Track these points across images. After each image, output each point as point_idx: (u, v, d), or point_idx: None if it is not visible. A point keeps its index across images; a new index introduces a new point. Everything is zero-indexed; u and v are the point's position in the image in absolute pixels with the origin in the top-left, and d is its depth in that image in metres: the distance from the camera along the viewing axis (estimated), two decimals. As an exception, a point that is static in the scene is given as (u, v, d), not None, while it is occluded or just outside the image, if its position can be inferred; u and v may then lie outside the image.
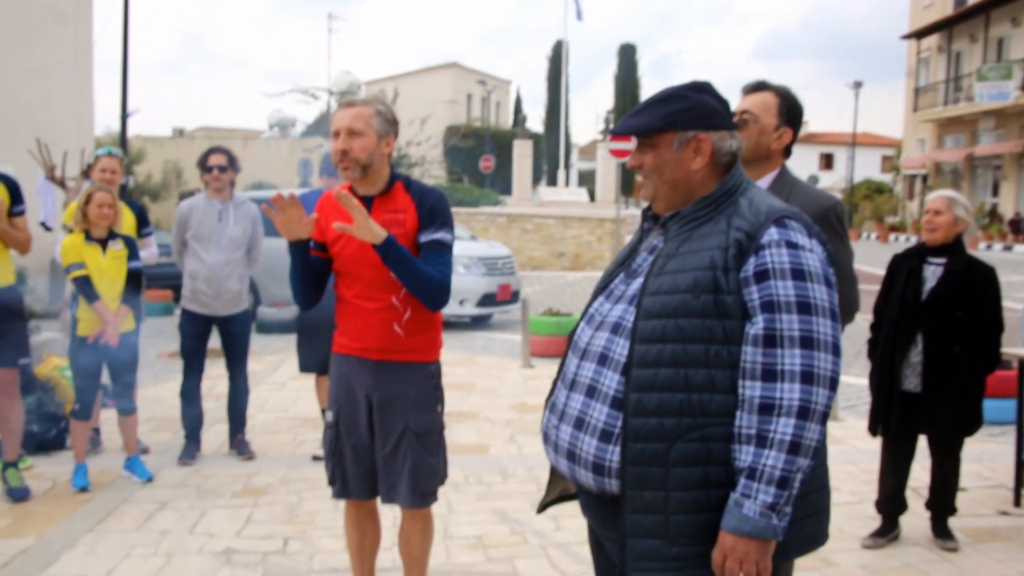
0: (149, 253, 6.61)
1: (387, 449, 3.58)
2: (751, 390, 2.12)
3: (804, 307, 2.13)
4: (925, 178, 38.55)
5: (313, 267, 3.57)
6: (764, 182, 3.32)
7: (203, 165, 6.41)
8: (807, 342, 2.11)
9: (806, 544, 2.33)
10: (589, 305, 2.45)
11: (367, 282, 3.49)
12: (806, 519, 2.27)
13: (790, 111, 3.35)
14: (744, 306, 2.17)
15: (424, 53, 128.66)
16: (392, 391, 3.55)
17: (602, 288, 2.45)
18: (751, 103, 3.32)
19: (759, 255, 2.17)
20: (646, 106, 2.33)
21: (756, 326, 2.14)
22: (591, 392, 2.29)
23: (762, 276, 2.16)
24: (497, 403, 8.32)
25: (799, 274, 2.15)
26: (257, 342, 11.96)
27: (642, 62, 54.64)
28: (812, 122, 57.94)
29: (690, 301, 2.17)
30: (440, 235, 3.54)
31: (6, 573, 4.46)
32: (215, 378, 7.92)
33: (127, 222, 6.41)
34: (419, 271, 3.40)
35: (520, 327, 11.09)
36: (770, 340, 2.12)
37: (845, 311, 3.28)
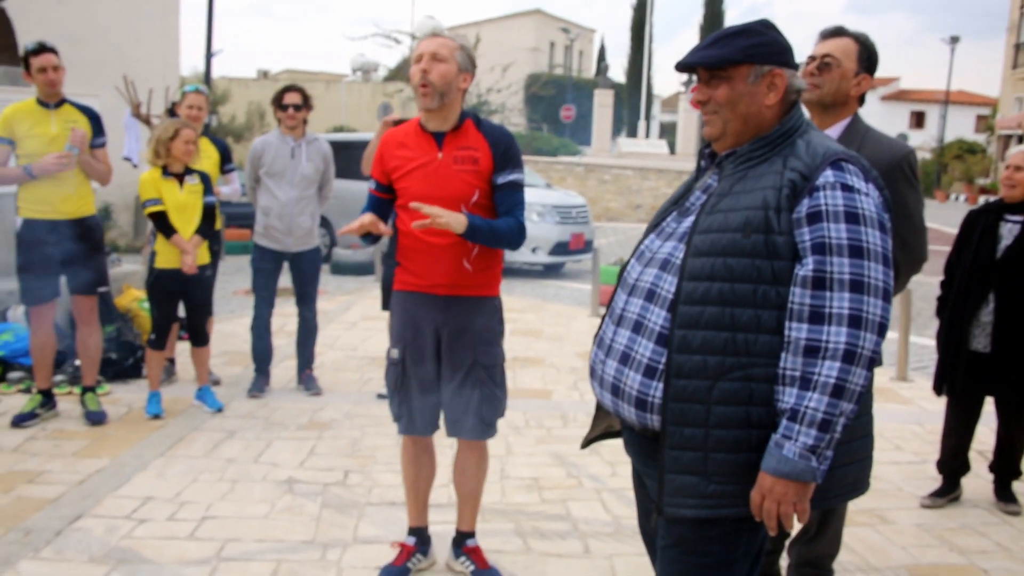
0: (232, 189, 6.74)
1: (455, 383, 3.65)
2: (797, 332, 2.10)
3: (856, 250, 2.10)
4: (1021, 138, 37.23)
5: (381, 210, 3.63)
6: (837, 129, 3.28)
7: (278, 103, 6.50)
8: (857, 286, 2.08)
9: (848, 491, 2.32)
10: (641, 242, 2.44)
11: None
12: (848, 466, 2.25)
13: (869, 58, 3.31)
14: (794, 247, 2.14)
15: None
16: (461, 325, 3.60)
17: (654, 225, 2.43)
18: (833, 47, 3.28)
19: (813, 196, 2.14)
20: (719, 38, 2.29)
21: (805, 268, 2.11)
22: (638, 328, 2.29)
23: (814, 217, 2.12)
24: (563, 350, 8.35)
25: (853, 217, 2.11)
26: (330, 283, 12.16)
27: (729, 13, 53.24)
28: (904, 78, 56.27)
29: (740, 240, 2.15)
30: (515, 176, 3.58)
31: (82, 490, 4.65)
32: (287, 315, 8.08)
33: (210, 158, 6.55)
34: (497, 234, 3.48)
35: (590, 277, 11.08)
36: (819, 282, 2.10)
37: (913, 260, 3.24)
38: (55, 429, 5.65)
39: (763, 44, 2.27)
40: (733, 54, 2.27)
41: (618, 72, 55.19)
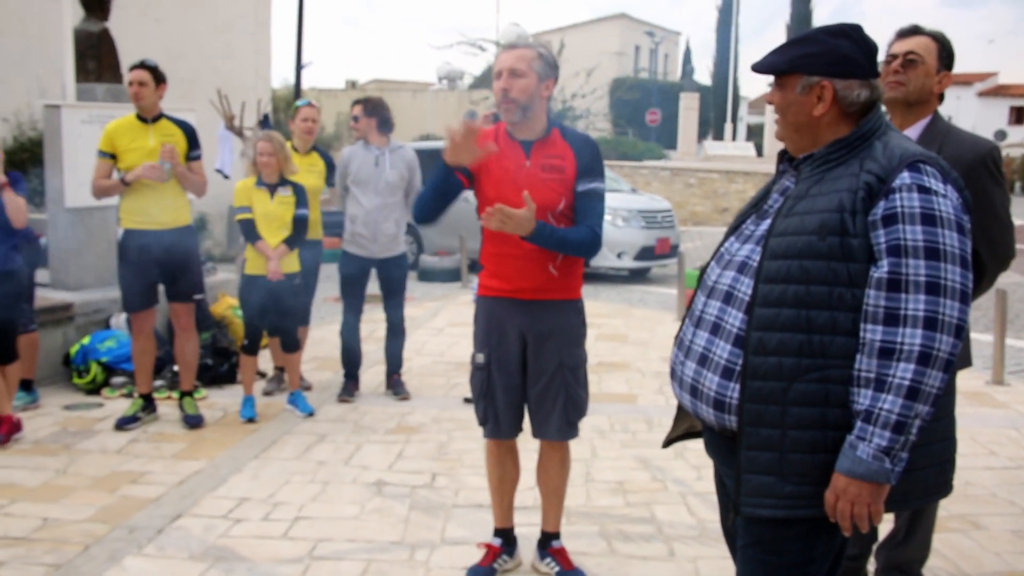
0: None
1: (540, 385, 3.72)
2: (872, 333, 2.11)
3: (932, 252, 2.09)
4: None
5: (450, 187, 3.65)
6: (917, 128, 3.26)
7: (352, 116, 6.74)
8: (933, 288, 2.08)
9: (928, 494, 2.30)
10: (721, 244, 2.47)
11: None
12: (927, 469, 2.24)
13: (949, 56, 3.30)
14: (870, 250, 2.14)
15: (593, 4, 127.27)
16: (547, 328, 3.67)
17: (734, 228, 2.46)
18: (914, 44, 3.27)
19: (889, 198, 2.14)
20: (782, 46, 2.33)
21: (881, 270, 2.12)
22: (716, 329, 2.32)
23: (890, 220, 2.12)
24: (648, 355, 8.35)
25: (929, 219, 2.11)
26: (418, 289, 12.32)
27: (818, 10, 52.42)
28: (1003, 73, 54.63)
29: (816, 243, 2.16)
30: (595, 184, 3.64)
31: (181, 491, 4.83)
32: (376, 322, 8.23)
33: (319, 171, 6.73)
34: (567, 243, 3.54)
35: (676, 281, 11.03)
36: (894, 284, 2.10)
37: (1000, 258, 3.19)
38: (155, 432, 5.87)
39: (816, 55, 2.28)
40: (781, 63, 2.31)
41: (704, 74, 54.70)
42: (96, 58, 8.16)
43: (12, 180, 5.49)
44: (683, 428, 2.70)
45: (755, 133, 48.74)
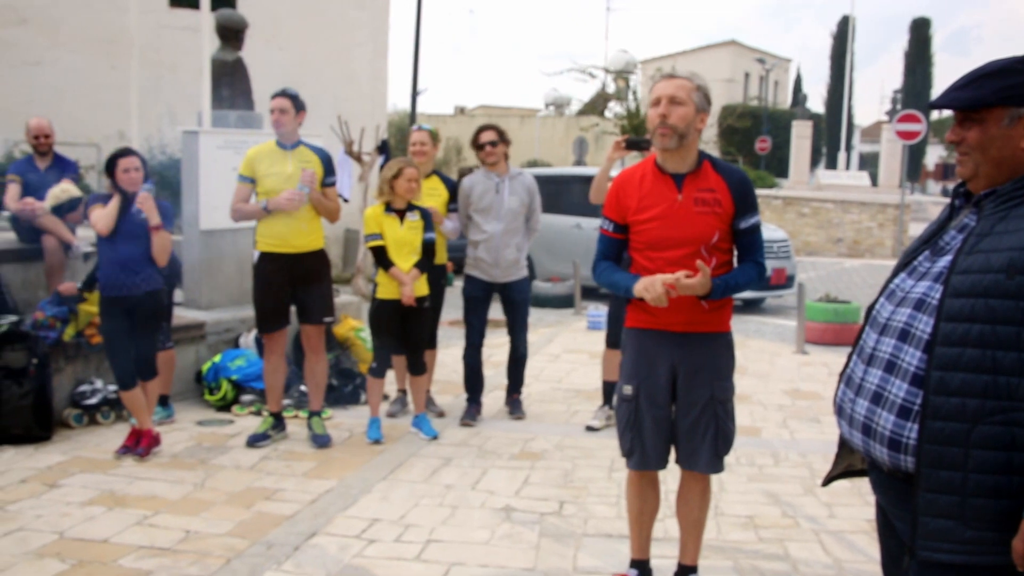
0: (453, 227, 6.97)
1: (691, 418, 3.70)
2: None
3: None
4: None
5: (613, 251, 3.85)
6: None
7: (476, 143, 6.77)
8: None
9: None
10: (890, 281, 2.42)
11: (675, 259, 3.56)
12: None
13: None
14: None
15: (702, 31, 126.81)
16: (699, 362, 3.67)
17: (904, 264, 2.40)
18: None
19: None
20: (974, 79, 2.26)
21: None
22: (890, 367, 2.26)
23: None
24: (769, 387, 8.21)
25: None
26: (531, 315, 12.33)
27: (936, 37, 51.17)
28: None
29: (1003, 281, 2.10)
30: (754, 220, 3.70)
31: (314, 509, 4.93)
32: (494, 347, 8.28)
33: (440, 195, 6.82)
34: (738, 286, 3.64)
35: (793, 312, 10.84)
36: None
37: None
38: (285, 450, 6.01)
39: (1021, 85, 2.21)
40: (986, 96, 2.23)
41: (815, 102, 53.90)
42: (230, 86, 8.45)
43: (162, 211, 5.70)
44: (844, 466, 2.65)
45: (868, 162, 47.75)
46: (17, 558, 4.23)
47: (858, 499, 5.19)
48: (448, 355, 8.45)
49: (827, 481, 2.74)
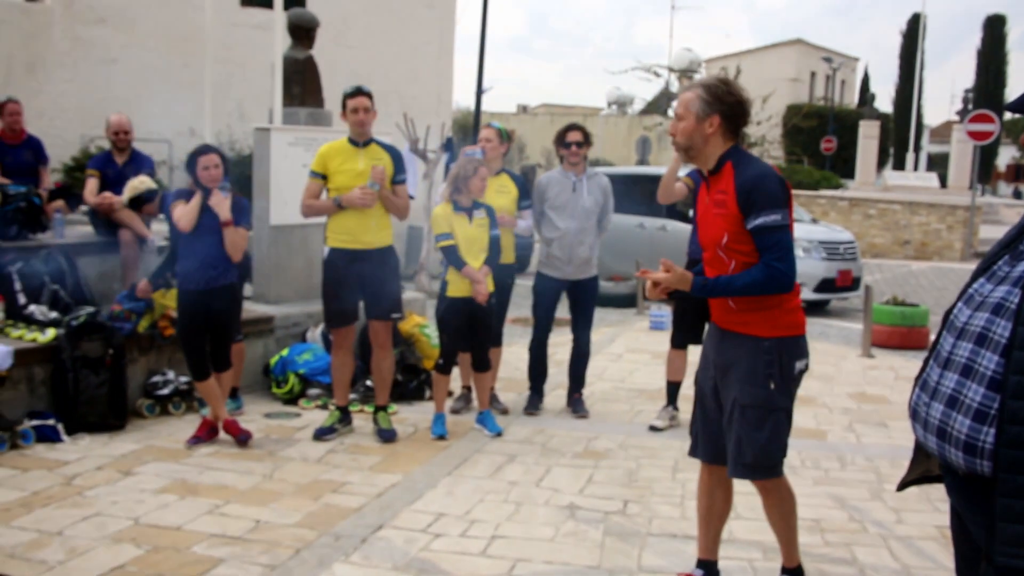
0: (526, 225, 7.00)
1: (725, 418, 3.73)
2: None
3: None
4: None
5: None
6: None
7: (561, 141, 6.78)
8: None
9: None
10: (968, 285, 2.40)
11: (706, 261, 3.73)
12: None
13: None
14: None
15: (768, 30, 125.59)
16: (728, 360, 3.70)
17: (984, 269, 2.39)
18: None
19: None
20: None
21: None
22: (967, 372, 2.25)
23: None
24: (834, 390, 8.12)
25: None
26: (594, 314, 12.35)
27: (1011, 34, 49.93)
28: None
29: None
30: (762, 220, 3.52)
31: (381, 502, 5.01)
32: (556, 345, 8.29)
33: (509, 193, 6.87)
34: (734, 288, 3.58)
35: (858, 315, 10.70)
36: None
37: None
38: (351, 444, 6.10)
39: None
40: None
41: (883, 101, 53.06)
42: (301, 84, 8.57)
43: (239, 207, 5.83)
44: (919, 471, 2.62)
45: (937, 163, 46.88)
46: (95, 542, 4.36)
47: (927, 505, 5.13)
48: (511, 353, 8.49)
49: (902, 486, 2.72)
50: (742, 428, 3.64)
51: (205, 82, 9.35)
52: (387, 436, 6.17)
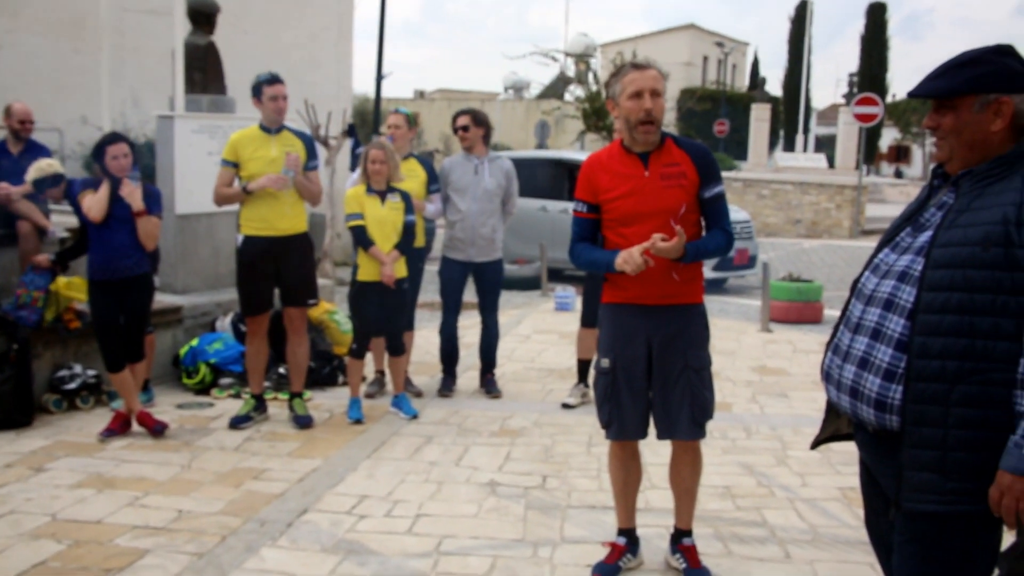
0: (436, 209, 7.07)
1: (667, 387, 3.86)
2: None
3: None
4: None
5: (587, 231, 3.96)
6: None
7: (453, 127, 6.96)
8: None
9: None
10: (874, 256, 2.58)
11: (646, 233, 3.69)
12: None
13: None
14: None
15: (661, 14, 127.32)
16: (672, 332, 3.83)
17: (888, 240, 2.57)
18: None
19: None
20: (947, 69, 2.43)
21: None
22: (876, 335, 2.44)
23: None
24: (737, 364, 8.40)
25: None
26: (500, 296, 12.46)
27: (891, 21, 51.65)
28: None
29: (979, 253, 2.27)
30: (720, 187, 3.86)
31: (303, 487, 5.03)
32: (465, 328, 8.38)
33: (417, 177, 6.93)
34: (708, 251, 3.80)
35: (755, 292, 11.06)
36: None
37: None
38: (268, 431, 6.09)
39: (989, 74, 2.39)
40: (957, 85, 2.41)
41: (773, 85, 54.33)
42: (202, 70, 8.45)
43: (151, 196, 5.76)
44: (830, 431, 2.81)
45: (825, 144, 48.27)
46: (12, 540, 4.29)
47: (829, 469, 5.40)
48: (422, 337, 8.55)
49: (815, 444, 2.91)
50: (697, 390, 3.86)
51: (101, 69, 9.15)
52: (304, 422, 6.18)
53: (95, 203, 5.60)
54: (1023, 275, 2.25)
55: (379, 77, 17.49)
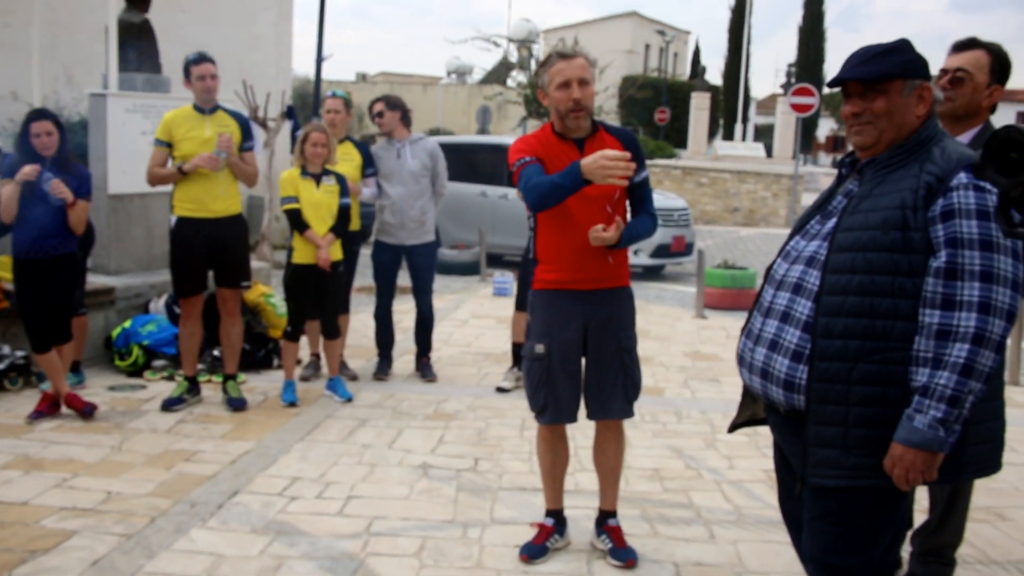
0: (371, 192, 7.08)
1: (601, 369, 3.95)
2: (930, 317, 2.34)
3: (986, 244, 2.32)
4: None
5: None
6: (967, 136, 3.42)
7: (370, 115, 7.13)
8: (987, 276, 2.30)
9: (981, 468, 2.56)
10: (786, 244, 2.68)
11: (583, 220, 3.76)
12: (980, 445, 2.50)
13: (1002, 69, 3.44)
14: (929, 242, 2.37)
15: (604, 1, 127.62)
16: (607, 314, 3.92)
17: (798, 228, 2.68)
18: (964, 60, 3.40)
19: (947, 196, 2.37)
20: (872, 56, 2.52)
21: (939, 260, 2.34)
22: (785, 318, 2.54)
23: (948, 215, 2.35)
24: (671, 349, 8.53)
25: (984, 214, 2.33)
26: (437, 282, 12.43)
27: (828, 13, 52.38)
28: (1011, 79, 54.52)
29: (879, 236, 2.39)
30: (646, 173, 3.98)
31: (235, 469, 5.03)
32: (401, 312, 8.40)
33: (353, 161, 6.93)
34: (639, 233, 3.92)
35: (692, 279, 11.21)
36: (951, 273, 2.32)
37: None
38: (201, 413, 6.07)
39: (914, 60, 2.51)
40: (891, 69, 2.50)
41: (714, 74, 54.92)
42: (137, 48, 8.33)
43: (81, 177, 5.67)
44: (747, 414, 2.91)
45: (763, 134, 48.91)
46: (-64, 520, 4.24)
47: (756, 452, 5.52)
48: (358, 320, 8.55)
49: (732, 428, 2.99)
50: (629, 369, 3.98)
51: (32, 44, 8.96)
52: (237, 404, 6.16)
53: (4, 206, 5.49)
54: (919, 257, 2.36)
55: (319, 59, 17.36)
